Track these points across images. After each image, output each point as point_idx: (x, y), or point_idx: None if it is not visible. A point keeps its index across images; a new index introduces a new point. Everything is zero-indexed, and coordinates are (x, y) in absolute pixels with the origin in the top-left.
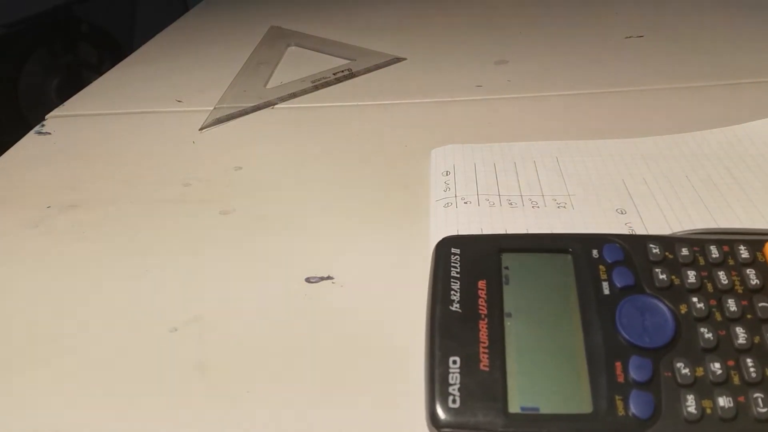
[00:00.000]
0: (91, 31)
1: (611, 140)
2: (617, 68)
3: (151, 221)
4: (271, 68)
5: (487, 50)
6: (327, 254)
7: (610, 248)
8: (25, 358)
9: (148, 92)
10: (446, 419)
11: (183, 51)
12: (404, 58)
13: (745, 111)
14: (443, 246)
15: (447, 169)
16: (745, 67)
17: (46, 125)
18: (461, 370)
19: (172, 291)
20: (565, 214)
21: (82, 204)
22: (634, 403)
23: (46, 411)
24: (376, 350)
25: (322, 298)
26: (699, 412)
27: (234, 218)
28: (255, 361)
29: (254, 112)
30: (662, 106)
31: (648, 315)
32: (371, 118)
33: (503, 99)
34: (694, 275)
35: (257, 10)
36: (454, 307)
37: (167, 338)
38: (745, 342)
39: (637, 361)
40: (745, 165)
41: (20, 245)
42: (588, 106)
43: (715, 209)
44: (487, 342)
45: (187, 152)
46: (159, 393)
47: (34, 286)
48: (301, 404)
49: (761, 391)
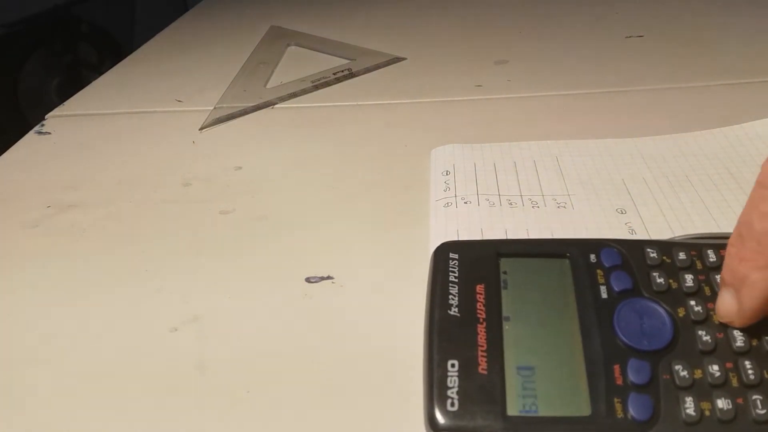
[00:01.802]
0: (91, 31)
1: (611, 140)
2: (617, 68)
3: (151, 221)
4: (271, 68)
5: (487, 50)
6: (327, 254)
7: (607, 253)
8: (24, 357)
9: (148, 92)
10: (445, 422)
11: (183, 51)
12: (404, 58)
13: (745, 111)
14: (441, 251)
15: (447, 169)
16: (745, 67)
17: (46, 125)
18: (460, 374)
19: (172, 291)
20: (565, 214)
21: (82, 204)
22: (633, 406)
23: (46, 411)
24: (375, 351)
25: (322, 298)
26: (698, 414)
27: (234, 218)
28: (255, 361)
29: (254, 112)
30: (662, 106)
31: (646, 318)
32: (371, 118)
33: (503, 99)
34: (691, 279)
35: (257, 10)
36: (453, 311)
37: (167, 338)
38: (743, 344)
39: (635, 364)
40: (745, 165)
41: (20, 245)
42: (588, 106)
43: (715, 209)
44: (486, 345)
45: (187, 152)
46: (159, 393)
47: (34, 285)
48: (300, 404)
49: (760, 392)
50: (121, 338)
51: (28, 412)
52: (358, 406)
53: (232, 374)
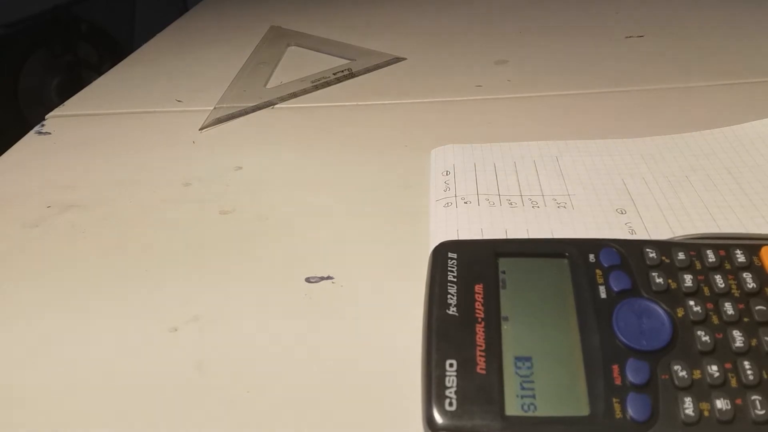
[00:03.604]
0: (91, 31)
1: (611, 140)
2: (617, 68)
3: (151, 221)
4: (271, 68)
5: (487, 50)
6: (327, 254)
7: (606, 252)
8: (24, 357)
9: (148, 92)
10: (443, 422)
11: (183, 51)
12: (404, 58)
13: (745, 111)
14: (440, 251)
15: (447, 169)
16: (746, 67)
17: (46, 125)
18: (458, 374)
19: (172, 291)
20: (565, 214)
21: (82, 204)
22: (632, 406)
23: (46, 410)
24: (375, 351)
25: (322, 298)
26: (696, 415)
27: (234, 218)
28: (255, 361)
29: (254, 112)
30: (662, 106)
31: (645, 318)
32: (371, 118)
33: (503, 99)
34: (690, 279)
35: (257, 10)
36: (451, 311)
37: (167, 338)
38: (743, 345)
39: (634, 364)
40: (745, 165)
41: (20, 245)
42: (588, 106)
43: (714, 209)
44: (484, 345)
45: (187, 152)
46: (159, 393)
47: (33, 285)
48: (300, 404)
49: (759, 393)
50: (121, 338)
51: (27, 412)
52: (358, 406)
53: (232, 374)
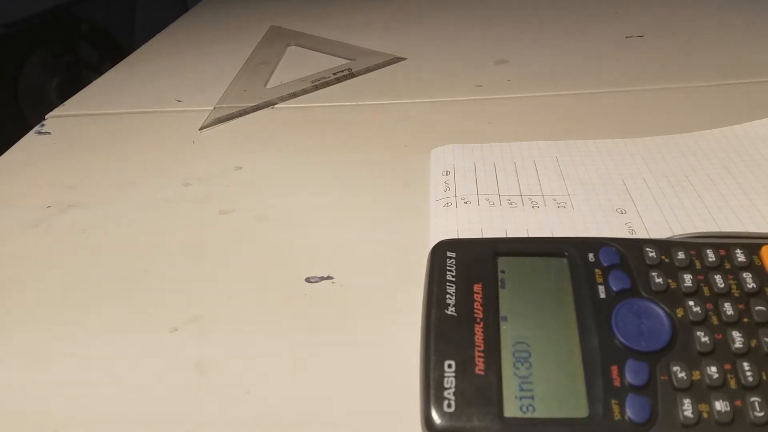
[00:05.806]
0: (91, 31)
1: (611, 140)
2: (617, 68)
3: (151, 221)
4: (271, 68)
5: (487, 50)
6: (327, 254)
7: (606, 252)
8: (24, 357)
9: (148, 92)
10: (441, 423)
11: (183, 51)
12: (404, 58)
13: (745, 111)
14: (439, 250)
15: (447, 169)
16: (745, 67)
17: (46, 125)
18: (456, 374)
19: (172, 291)
20: (565, 214)
21: (82, 204)
22: (631, 407)
23: (46, 410)
24: (375, 351)
25: (322, 298)
26: (695, 416)
27: (234, 218)
28: (255, 361)
29: (254, 112)
30: (662, 106)
31: (644, 318)
32: (371, 118)
33: (503, 99)
34: (690, 279)
35: (257, 10)
36: (450, 311)
37: (167, 338)
38: (742, 346)
39: (633, 365)
40: (745, 165)
41: (20, 245)
42: (588, 106)
43: (714, 209)
44: (483, 346)
45: (187, 152)
46: (159, 393)
47: (33, 285)
48: (299, 405)
49: (758, 395)
50: (121, 338)
51: (27, 412)
52: (357, 406)
53: (232, 374)
